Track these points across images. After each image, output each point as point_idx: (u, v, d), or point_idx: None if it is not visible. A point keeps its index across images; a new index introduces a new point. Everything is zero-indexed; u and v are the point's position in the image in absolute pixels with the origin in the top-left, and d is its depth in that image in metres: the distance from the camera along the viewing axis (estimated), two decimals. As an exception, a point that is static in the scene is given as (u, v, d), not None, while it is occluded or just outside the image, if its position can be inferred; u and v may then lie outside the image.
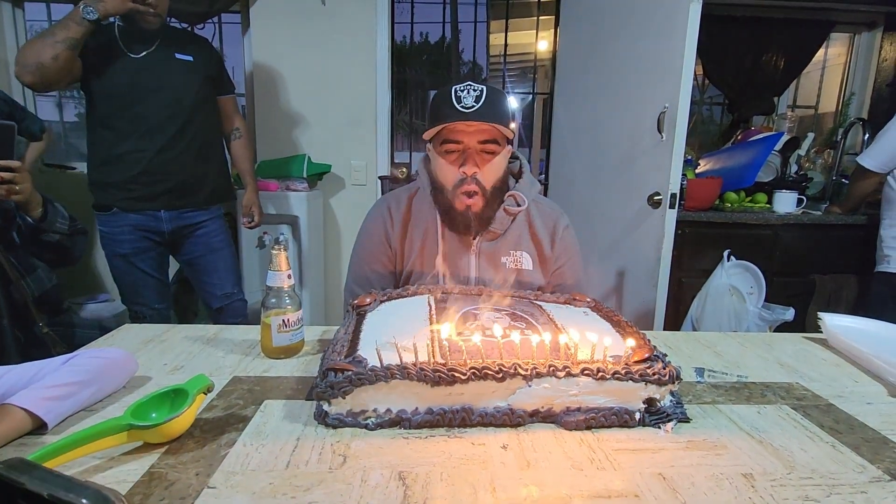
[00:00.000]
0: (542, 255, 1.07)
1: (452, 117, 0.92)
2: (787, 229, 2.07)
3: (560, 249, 1.08)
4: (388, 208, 1.09)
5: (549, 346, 0.67)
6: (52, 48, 1.37)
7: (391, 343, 0.66)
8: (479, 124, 0.93)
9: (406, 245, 1.07)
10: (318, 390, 0.62)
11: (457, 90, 0.93)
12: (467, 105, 0.92)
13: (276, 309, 0.81)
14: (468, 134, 0.95)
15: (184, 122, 1.60)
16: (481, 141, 0.95)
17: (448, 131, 0.95)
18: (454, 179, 0.97)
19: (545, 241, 1.07)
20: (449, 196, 0.99)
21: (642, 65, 1.84)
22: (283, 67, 2.37)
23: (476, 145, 0.95)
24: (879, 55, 2.68)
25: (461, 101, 0.92)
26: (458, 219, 1.00)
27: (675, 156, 1.64)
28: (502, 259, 1.05)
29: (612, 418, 0.64)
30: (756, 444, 0.61)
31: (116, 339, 0.89)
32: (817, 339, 0.99)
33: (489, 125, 0.93)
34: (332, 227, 2.53)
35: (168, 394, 0.60)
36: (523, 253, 1.06)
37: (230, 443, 0.58)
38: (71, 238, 1.24)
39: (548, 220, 1.09)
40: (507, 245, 1.05)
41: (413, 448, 0.58)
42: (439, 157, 0.98)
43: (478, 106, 0.91)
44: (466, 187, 0.96)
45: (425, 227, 1.06)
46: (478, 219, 0.99)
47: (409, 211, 1.08)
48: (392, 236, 1.08)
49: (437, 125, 0.95)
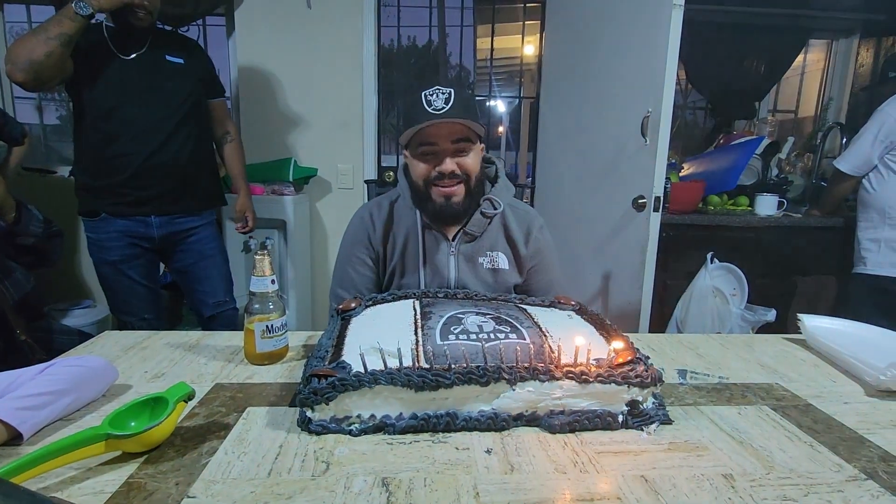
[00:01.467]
0: (517, 255, 1.12)
1: (423, 119, 0.96)
2: (769, 232, 2.11)
3: (533, 249, 1.13)
4: (370, 213, 1.13)
5: (532, 349, 0.67)
6: (45, 45, 1.33)
7: (375, 348, 0.66)
8: (450, 125, 0.97)
9: (388, 247, 1.11)
10: (302, 396, 0.61)
11: (426, 94, 0.97)
12: (437, 108, 0.95)
13: (259, 315, 0.80)
14: (441, 136, 0.98)
15: (175, 126, 1.57)
16: (454, 140, 0.99)
17: (422, 134, 0.98)
18: (430, 175, 1.01)
19: (520, 241, 1.11)
20: (425, 192, 1.03)
21: (626, 70, 1.86)
22: (268, 70, 2.35)
23: (449, 146, 0.99)
24: (856, 61, 2.75)
25: (431, 105, 0.95)
26: (439, 213, 1.03)
27: (659, 159, 1.66)
28: (479, 259, 1.09)
29: (595, 421, 0.64)
30: (736, 445, 0.61)
31: (96, 347, 0.88)
32: (797, 340, 1.01)
33: (461, 125, 0.97)
34: (318, 231, 2.52)
35: (148, 402, 0.59)
36: (499, 253, 1.10)
37: (211, 451, 0.57)
38: (47, 241, 1.22)
39: (522, 223, 1.13)
40: (484, 247, 1.10)
41: (397, 454, 0.58)
42: (415, 160, 1.02)
43: (447, 108, 0.95)
44: (446, 184, 1.00)
45: (406, 230, 1.10)
46: (459, 207, 1.03)
47: (390, 215, 1.12)
48: (374, 239, 1.11)
49: (411, 129, 0.98)
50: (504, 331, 0.73)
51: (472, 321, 0.76)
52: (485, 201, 1.07)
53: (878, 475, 0.56)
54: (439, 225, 1.07)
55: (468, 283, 1.08)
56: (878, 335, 0.94)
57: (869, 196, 1.85)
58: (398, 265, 1.10)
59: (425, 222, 1.08)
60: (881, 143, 1.78)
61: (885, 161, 1.79)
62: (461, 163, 1.01)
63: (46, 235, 1.22)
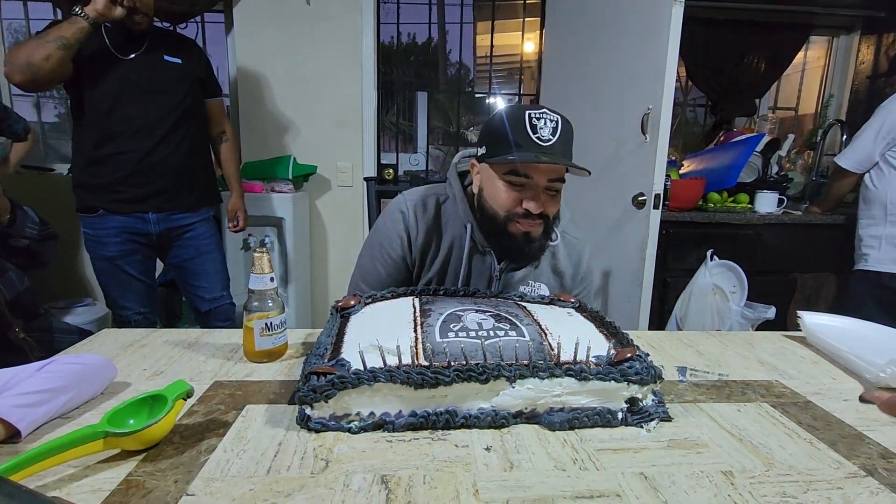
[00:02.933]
0: (562, 287, 1.05)
1: (529, 149, 0.84)
2: (769, 229, 2.11)
3: (580, 281, 1.07)
4: (415, 212, 1.01)
5: (532, 347, 0.67)
6: (43, 48, 1.36)
7: (374, 346, 0.66)
8: (555, 165, 0.86)
9: (428, 256, 1.01)
10: (301, 394, 0.61)
11: (532, 115, 0.84)
12: (543, 138, 0.84)
13: (258, 312, 0.80)
14: (540, 171, 0.87)
15: (173, 124, 1.58)
16: (551, 179, 0.88)
17: (519, 164, 0.86)
18: (512, 209, 0.89)
19: (567, 275, 1.05)
20: (503, 223, 0.91)
21: (626, 67, 1.86)
22: (267, 67, 2.35)
23: (544, 183, 0.88)
24: (857, 58, 2.74)
25: (537, 132, 0.84)
26: (516, 249, 0.94)
27: (659, 157, 1.66)
28: (521, 288, 1.01)
29: (594, 418, 0.64)
30: (736, 442, 0.61)
31: (95, 345, 0.88)
32: (796, 338, 1.01)
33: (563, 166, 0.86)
34: (318, 229, 2.52)
35: (146, 400, 0.59)
36: (542, 284, 1.03)
37: (210, 449, 0.57)
38: (41, 243, 1.22)
39: (573, 254, 1.06)
40: (529, 276, 1.02)
41: (396, 451, 0.58)
42: (501, 183, 0.89)
43: (554, 140, 0.84)
44: (529, 224, 0.90)
45: (452, 241, 1.00)
46: (536, 248, 0.94)
47: (436, 219, 1.01)
48: (415, 244, 1.01)
49: (510, 154, 0.85)
50: (504, 328, 0.72)
51: (472, 318, 0.76)
52: None
53: (877, 472, 0.56)
54: (496, 253, 0.98)
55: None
56: (878, 332, 0.94)
57: (870, 193, 1.85)
58: (435, 274, 1.01)
59: (474, 242, 0.98)
60: (883, 140, 1.78)
61: (887, 158, 1.79)
62: (546, 205, 0.89)
63: (41, 237, 1.22)
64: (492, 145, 0.89)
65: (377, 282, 1.03)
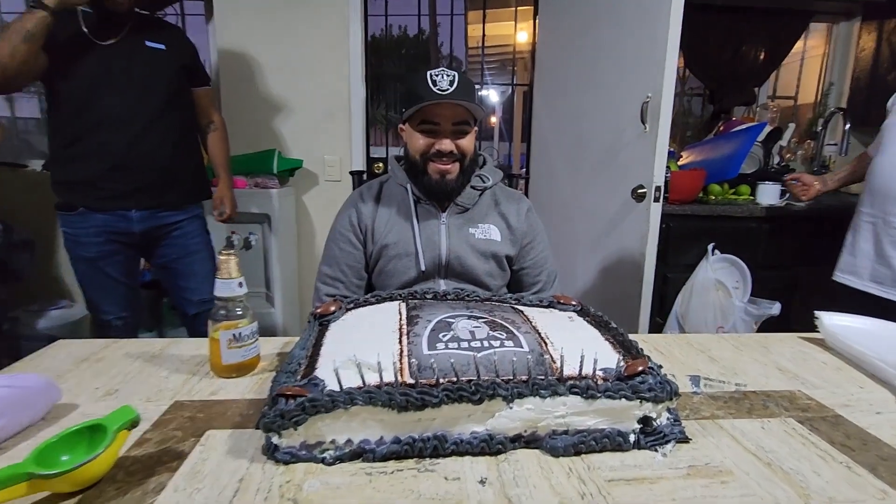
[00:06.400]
0: (510, 229, 1.16)
1: (430, 98, 1.00)
2: (771, 222, 2.04)
3: (527, 225, 1.17)
4: (360, 192, 1.19)
5: (531, 360, 0.59)
6: (7, 44, 1.25)
7: (352, 361, 0.58)
8: (453, 107, 1.03)
9: (378, 221, 1.14)
10: (266, 420, 0.53)
11: (432, 75, 1.02)
12: (443, 88, 1.00)
13: (225, 321, 0.72)
14: (443, 117, 1.04)
15: (156, 115, 1.47)
16: (455, 122, 1.04)
17: (425, 112, 1.04)
18: (427, 151, 1.06)
19: (511, 216, 1.16)
20: (421, 166, 1.08)
21: (624, 54, 1.78)
22: (250, 57, 2.24)
23: (450, 127, 1.05)
24: (858, 45, 2.67)
25: (437, 85, 1.00)
26: (433, 187, 1.08)
27: (660, 147, 1.59)
28: (471, 230, 1.12)
29: (603, 441, 0.57)
30: (764, 468, 0.54)
31: (45, 359, 0.79)
32: (814, 340, 0.94)
33: (463, 109, 1.03)
34: (305, 226, 2.42)
35: (84, 431, 0.50)
36: (491, 226, 1.14)
37: (159, 488, 0.49)
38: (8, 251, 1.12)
39: (512, 202, 1.19)
40: (475, 219, 1.14)
41: (376, 487, 0.50)
42: (415, 133, 1.07)
43: (452, 89, 1.00)
44: (443, 162, 1.06)
45: (398, 203, 1.14)
46: (453, 184, 1.08)
47: (380, 192, 1.17)
48: (363, 214, 1.14)
49: (416, 106, 1.02)
50: (499, 338, 0.64)
51: (464, 326, 0.68)
52: (475, 177, 1.14)
53: (929, 503, 0.49)
54: (430, 199, 1.11)
55: (460, 252, 1.10)
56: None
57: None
58: (389, 235, 1.12)
59: (416, 196, 1.12)
60: None
61: None
62: (459, 144, 1.06)
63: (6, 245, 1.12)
64: (406, 105, 1.08)
65: (333, 260, 1.15)
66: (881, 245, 1.42)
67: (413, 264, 1.09)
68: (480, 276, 1.11)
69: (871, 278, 1.45)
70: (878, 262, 1.43)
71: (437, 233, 1.11)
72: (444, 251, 1.10)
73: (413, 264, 1.09)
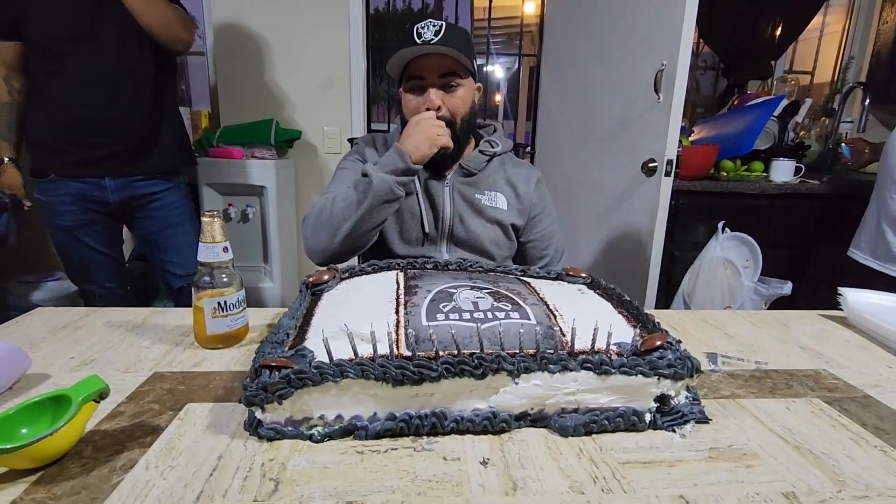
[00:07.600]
0: (518, 198, 1.10)
1: (410, 46, 0.93)
2: (785, 199, 1.97)
3: (536, 196, 1.12)
4: (364, 141, 1.13)
5: (539, 332, 0.54)
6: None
7: (343, 331, 0.53)
8: (438, 58, 0.95)
9: None
10: (248, 394, 0.48)
11: (417, 27, 0.94)
12: (426, 38, 0.93)
13: (209, 289, 0.67)
14: (429, 69, 0.96)
15: (129, 74, 1.39)
16: (441, 75, 0.97)
17: (410, 67, 0.97)
18: (418, 111, 0.98)
19: (520, 185, 1.10)
20: None
21: (638, 20, 1.69)
22: (247, 25, 2.15)
23: (437, 80, 0.97)
24: (880, 18, 2.56)
25: (421, 36, 0.93)
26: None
27: (673, 118, 1.51)
28: (477, 196, 1.07)
29: (617, 421, 0.52)
30: (792, 452, 0.49)
31: (21, 327, 0.74)
32: (836, 317, 0.89)
33: (450, 59, 0.95)
34: (304, 199, 2.36)
35: (46, 402, 0.46)
36: (498, 194, 1.08)
37: (128, 465, 0.44)
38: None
39: (521, 171, 1.13)
40: (482, 185, 1.08)
41: (368, 467, 0.45)
42: (407, 95, 1.01)
43: (437, 39, 0.92)
44: None
45: None
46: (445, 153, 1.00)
47: (384, 147, 1.11)
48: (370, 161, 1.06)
49: (395, 56, 0.96)
50: (504, 309, 0.59)
51: (466, 296, 0.63)
52: (484, 142, 1.09)
53: (977, 493, 0.44)
54: (427, 168, 1.04)
55: (465, 217, 1.06)
56: (932, 312, 0.82)
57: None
58: None
59: None
60: None
61: None
62: (448, 101, 0.98)
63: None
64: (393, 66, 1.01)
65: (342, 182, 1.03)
66: (880, 222, 1.45)
67: (417, 225, 1.05)
68: (485, 243, 1.06)
69: (871, 253, 1.48)
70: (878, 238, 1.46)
71: (441, 194, 1.06)
72: (447, 213, 1.05)
73: (417, 225, 1.05)
